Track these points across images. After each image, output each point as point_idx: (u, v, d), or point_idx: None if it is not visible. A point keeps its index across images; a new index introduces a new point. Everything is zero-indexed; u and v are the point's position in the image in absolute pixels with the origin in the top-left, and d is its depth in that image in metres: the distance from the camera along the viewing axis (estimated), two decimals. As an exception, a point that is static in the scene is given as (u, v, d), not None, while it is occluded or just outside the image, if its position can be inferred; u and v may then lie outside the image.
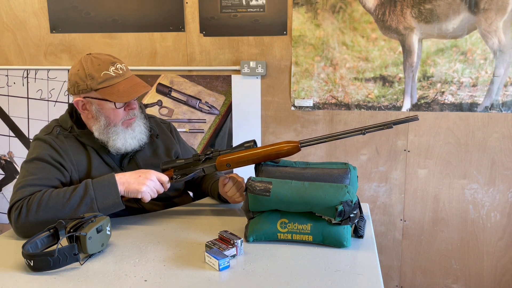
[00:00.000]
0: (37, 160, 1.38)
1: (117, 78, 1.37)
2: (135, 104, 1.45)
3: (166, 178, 1.39)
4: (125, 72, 1.41)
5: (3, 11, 2.54)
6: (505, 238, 2.36)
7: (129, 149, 1.45)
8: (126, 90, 1.37)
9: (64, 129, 1.46)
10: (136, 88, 1.39)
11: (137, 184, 1.33)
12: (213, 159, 1.40)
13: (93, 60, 1.38)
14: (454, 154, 2.32)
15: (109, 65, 1.38)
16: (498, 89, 2.22)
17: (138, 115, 1.49)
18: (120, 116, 1.42)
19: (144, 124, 1.51)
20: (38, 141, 1.43)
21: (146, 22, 2.43)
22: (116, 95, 1.36)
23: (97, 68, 1.36)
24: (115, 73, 1.37)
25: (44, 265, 1.08)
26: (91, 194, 1.29)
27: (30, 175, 1.35)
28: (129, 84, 1.39)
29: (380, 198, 2.43)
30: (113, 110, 1.40)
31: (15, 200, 1.30)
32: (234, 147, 1.41)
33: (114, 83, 1.37)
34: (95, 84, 1.36)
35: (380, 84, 2.31)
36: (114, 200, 1.31)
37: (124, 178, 1.34)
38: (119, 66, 1.40)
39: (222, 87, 2.45)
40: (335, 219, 1.18)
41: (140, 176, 1.35)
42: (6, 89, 2.63)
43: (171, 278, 1.06)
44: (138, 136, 1.47)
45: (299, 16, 2.30)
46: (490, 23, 2.15)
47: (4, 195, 2.75)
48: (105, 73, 1.36)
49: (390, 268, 2.50)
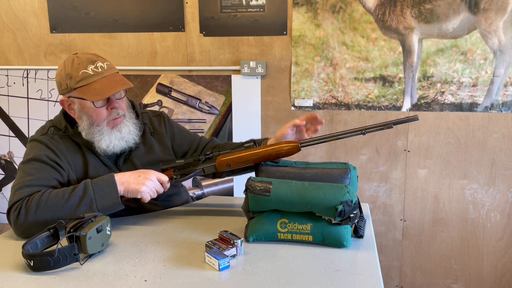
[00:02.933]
0: (33, 161, 1.38)
1: (95, 76, 1.35)
2: (117, 103, 1.42)
3: (165, 178, 1.39)
4: (106, 70, 1.38)
5: (3, 11, 2.54)
6: (505, 238, 2.36)
7: (116, 150, 1.44)
8: (102, 88, 1.35)
9: (58, 129, 1.45)
10: (113, 86, 1.36)
11: (137, 184, 1.33)
12: (213, 159, 1.40)
13: (74, 60, 1.37)
14: (454, 154, 2.32)
15: (88, 64, 1.36)
16: (498, 89, 2.22)
17: (127, 115, 1.46)
18: (103, 116, 1.40)
19: (133, 125, 1.48)
20: (34, 142, 1.43)
21: (146, 22, 2.43)
22: (91, 93, 1.34)
23: (76, 67, 1.36)
24: (93, 71, 1.36)
25: (44, 265, 1.08)
26: (90, 194, 1.29)
27: (27, 175, 1.35)
28: (106, 82, 1.36)
29: (380, 198, 2.43)
30: (94, 110, 1.39)
31: (14, 201, 1.30)
32: (234, 147, 1.41)
33: (90, 82, 1.35)
34: (73, 83, 1.35)
35: (380, 84, 2.31)
36: (113, 200, 1.31)
37: (124, 178, 1.34)
38: (100, 64, 1.37)
39: (222, 87, 2.45)
40: (335, 219, 1.18)
41: (140, 176, 1.34)
42: (6, 89, 2.63)
43: (171, 278, 1.06)
44: (126, 137, 1.44)
45: (299, 16, 2.30)
46: (490, 23, 2.15)
47: (4, 195, 2.75)
48: (83, 72, 1.35)
49: (390, 268, 2.50)
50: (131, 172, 1.37)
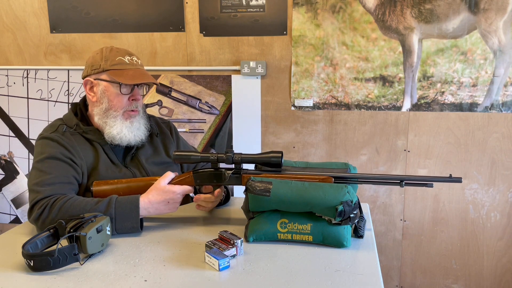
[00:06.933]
0: (49, 159, 1.39)
1: (130, 65, 1.45)
2: (139, 96, 1.48)
3: (189, 188, 1.37)
4: (139, 65, 1.49)
5: (3, 11, 2.54)
6: (505, 238, 2.36)
7: (123, 140, 1.46)
8: (135, 75, 1.44)
9: (69, 127, 1.47)
10: (144, 77, 1.46)
11: (169, 209, 1.35)
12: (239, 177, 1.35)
13: (112, 49, 1.48)
14: (454, 154, 2.32)
15: (126, 55, 1.47)
16: (498, 89, 2.22)
17: (141, 113, 1.52)
18: (123, 104, 1.46)
19: (144, 124, 1.53)
20: (45, 140, 1.44)
21: (146, 22, 2.43)
22: (123, 77, 1.42)
23: (114, 54, 1.46)
24: (129, 61, 1.46)
25: (44, 265, 1.08)
26: (111, 212, 1.29)
27: (46, 174, 1.36)
28: (138, 73, 1.46)
29: (380, 198, 2.43)
30: (117, 95, 1.45)
31: (39, 198, 1.31)
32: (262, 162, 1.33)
33: (124, 68, 1.44)
34: (108, 65, 1.43)
35: (380, 84, 2.31)
36: (133, 224, 1.30)
37: (150, 204, 1.33)
38: (135, 59, 1.49)
39: (222, 87, 2.45)
40: (335, 219, 1.18)
41: (169, 202, 1.34)
42: (6, 89, 2.63)
43: (171, 278, 1.06)
44: (135, 132, 1.48)
45: (299, 16, 2.30)
46: (490, 23, 2.15)
47: (4, 195, 2.75)
48: (119, 59, 1.45)
49: (390, 268, 2.50)
50: (157, 195, 1.34)
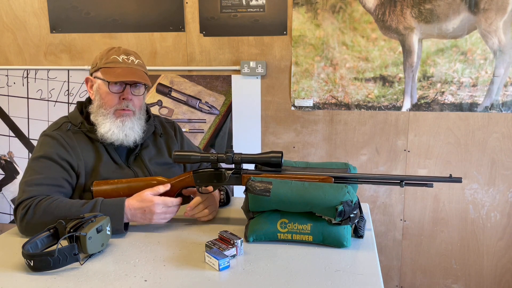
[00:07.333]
0: (44, 159, 1.38)
1: (122, 64, 1.44)
2: (130, 96, 1.46)
3: (172, 200, 1.34)
4: (134, 64, 1.46)
5: (3, 11, 2.54)
6: (505, 238, 2.36)
7: (113, 138, 1.44)
8: (121, 74, 1.42)
9: (73, 125, 1.47)
10: (130, 75, 1.42)
11: (144, 219, 1.32)
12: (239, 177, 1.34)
13: (113, 48, 1.48)
14: (454, 154, 2.32)
15: (122, 54, 1.46)
16: (498, 89, 2.22)
17: (137, 114, 1.49)
18: (113, 102, 1.45)
19: (139, 125, 1.49)
20: (46, 137, 1.44)
21: (146, 22, 2.43)
22: (110, 74, 1.42)
23: (111, 53, 1.46)
24: (123, 60, 1.44)
25: (44, 265, 1.08)
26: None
27: (36, 173, 1.36)
28: (127, 71, 1.43)
29: (380, 198, 2.43)
30: (108, 93, 1.44)
31: (23, 199, 1.31)
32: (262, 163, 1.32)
33: (115, 66, 1.43)
34: (102, 63, 1.44)
35: (380, 84, 2.31)
36: (117, 226, 1.29)
37: (129, 209, 1.31)
38: (132, 58, 1.46)
39: (222, 87, 2.45)
40: (335, 219, 1.18)
41: (146, 211, 1.31)
42: (6, 89, 2.63)
43: (171, 278, 1.06)
44: (127, 132, 1.45)
45: (299, 16, 2.30)
46: (490, 23, 2.15)
47: (4, 195, 2.75)
48: (114, 57, 1.44)
49: (390, 268, 2.50)
50: (138, 201, 1.32)
